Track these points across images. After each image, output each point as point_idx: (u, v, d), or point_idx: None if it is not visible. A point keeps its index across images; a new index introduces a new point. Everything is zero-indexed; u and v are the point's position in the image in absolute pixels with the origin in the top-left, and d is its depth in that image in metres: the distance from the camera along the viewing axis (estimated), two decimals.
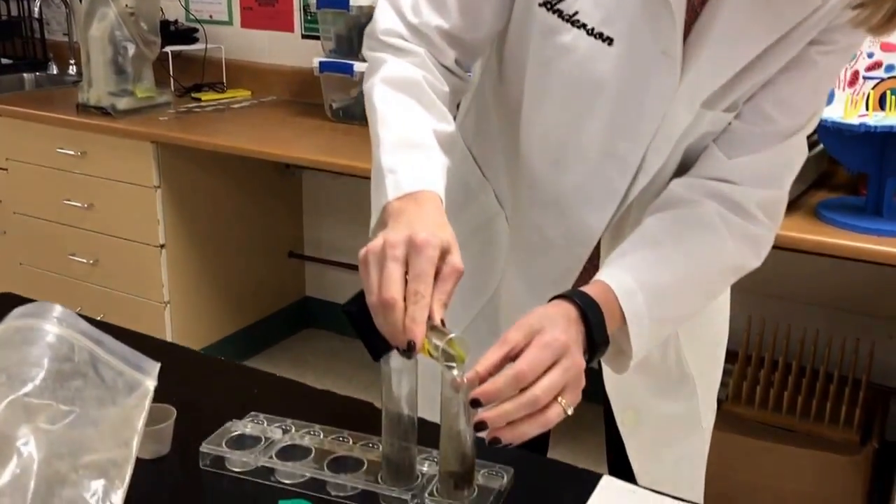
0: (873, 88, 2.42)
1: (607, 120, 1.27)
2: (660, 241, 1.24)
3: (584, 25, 1.22)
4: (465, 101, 1.52)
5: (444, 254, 1.06)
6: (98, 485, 0.99)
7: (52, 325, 1.09)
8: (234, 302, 3.89)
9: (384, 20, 1.30)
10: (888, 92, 2.39)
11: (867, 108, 2.39)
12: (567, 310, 1.11)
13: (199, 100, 3.89)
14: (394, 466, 1.14)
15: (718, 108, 1.26)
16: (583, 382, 1.07)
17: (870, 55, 2.42)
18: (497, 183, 1.47)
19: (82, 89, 3.61)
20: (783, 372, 2.95)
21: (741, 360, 2.98)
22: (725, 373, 3.15)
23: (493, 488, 1.13)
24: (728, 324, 1.63)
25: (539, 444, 1.55)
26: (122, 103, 3.55)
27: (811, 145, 2.51)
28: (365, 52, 1.34)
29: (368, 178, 1.22)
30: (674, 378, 1.50)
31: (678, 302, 1.25)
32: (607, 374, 1.43)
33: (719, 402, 2.92)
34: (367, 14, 3.31)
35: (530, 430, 1.03)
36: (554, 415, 1.03)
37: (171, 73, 3.91)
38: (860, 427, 2.76)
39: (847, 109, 2.35)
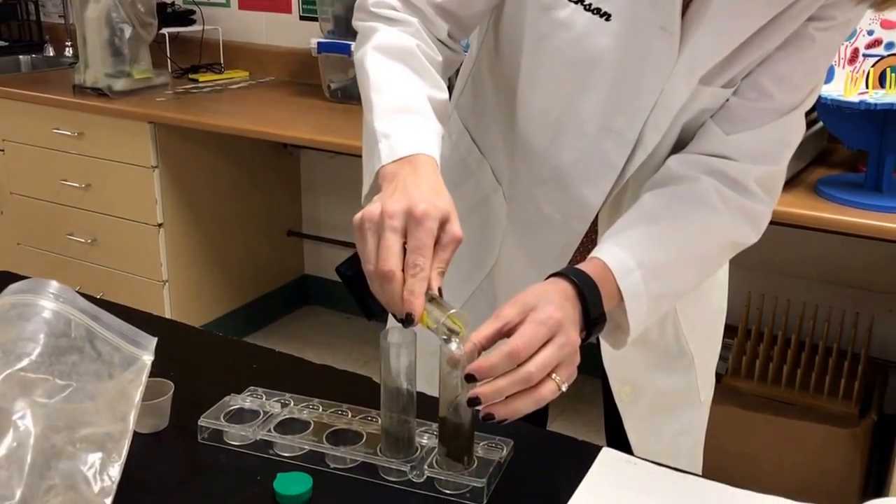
0: (873, 66, 2.41)
1: (605, 95, 1.26)
2: (657, 218, 1.24)
3: (580, 1, 1.21)
4: (462, 78, 1.51)
5: (442, 222, 1.05)
6: (95, 458, 0.99)
7: (48, 301, 1.09)
8: (233, 280, 3.90)
9: None
10: (888, 69, 2.39)
11: (867, 86, 2.39)
12: (563, 287, 1.11)
13: (196, 81, 3.88)
14: (393, 439, 1.14)
15: (716, 84, 1.24)
16: (577, 359, 1.06)
17: (870, 33, 2.41)
18: (494, 159, 1.46)
19: (79, 70, 3.60)
20: (782, 346, 2.96)
21: (741, 334, 2.99)
22: (724, 347, 3.15)
23: (492, 460, 1.12)
24: (727, 299, 1.62)
25: (538, 417, 1.55)
26: (119, 84, 3.55)
27: (810, 123, 2.52)
28: (355, 23, 1.32)
29: None
30: (672, 353, 1.50)
31: (675, 279, 1.24)
32: (605, 348, 1.43)
33: (718, 376, 2.93)
34: None
35: (524, 406, 1.03)
36: (548, 391, 1.03)
37: (168, 54, 3.90)
38: (859, 400, 2.77)
39: (847, 87, 2.35)
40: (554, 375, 1.03)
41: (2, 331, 1.05)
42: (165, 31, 3.83)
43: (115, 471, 1.00)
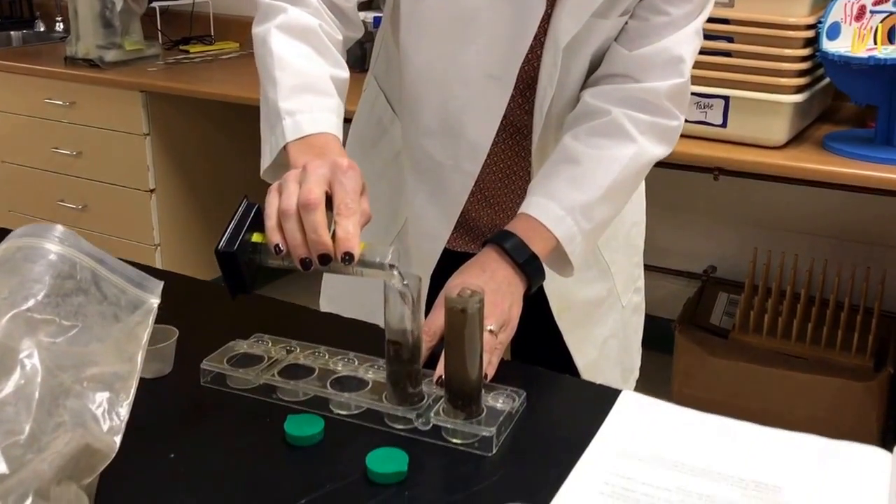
0: (881, 22, 2.41)
1: (483, 46, 1.34)
2: (577, 160, 1.34)
3: None
4: (377, 43, 1.58)
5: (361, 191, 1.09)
6: (103, 397, 0.97)
7: (53, 244, 1.07)
8: None
9: None
10: None
11: (875, 42, 2.40)
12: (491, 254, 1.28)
13: (187, 52, 3.89)
14: (399, 387, 1.10)
15: (612, 16, 1.33)
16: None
17: None
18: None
19: (70, 42, 3.61)
20: (791, 301, 2.95)
21: (747, 289, 2.99)
22: (731, 303, 3.14)
23: (502, 410, 1.10)
24: (644, 209, 1.72)
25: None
26: (110, 55, 3.56)
27: (817, 80, 2.52)
28: None
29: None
30: (588, 264, 1.58)
31: (602, 211, 1.35)
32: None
33: (726, 331, 2.93)
34: None
35: None
36: None
37: (159, 27, 3.89)
38: (874, 354, 2.76)
39: (854, 43, 2.37)
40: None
41: (7, 273, 1.03)
42: (156, 4, 3.84)
43: (124, 410, 0.98)
